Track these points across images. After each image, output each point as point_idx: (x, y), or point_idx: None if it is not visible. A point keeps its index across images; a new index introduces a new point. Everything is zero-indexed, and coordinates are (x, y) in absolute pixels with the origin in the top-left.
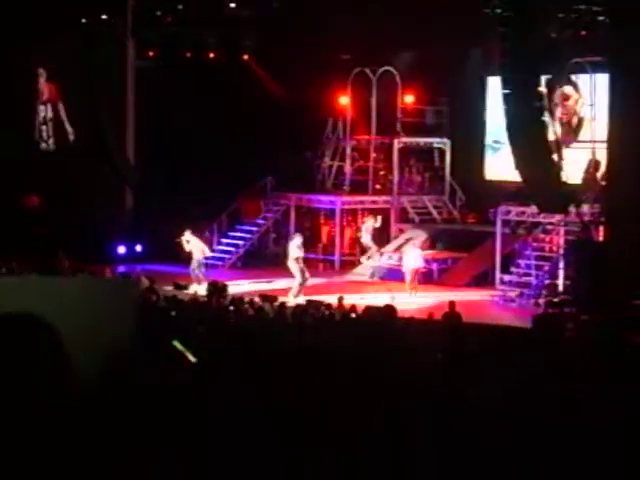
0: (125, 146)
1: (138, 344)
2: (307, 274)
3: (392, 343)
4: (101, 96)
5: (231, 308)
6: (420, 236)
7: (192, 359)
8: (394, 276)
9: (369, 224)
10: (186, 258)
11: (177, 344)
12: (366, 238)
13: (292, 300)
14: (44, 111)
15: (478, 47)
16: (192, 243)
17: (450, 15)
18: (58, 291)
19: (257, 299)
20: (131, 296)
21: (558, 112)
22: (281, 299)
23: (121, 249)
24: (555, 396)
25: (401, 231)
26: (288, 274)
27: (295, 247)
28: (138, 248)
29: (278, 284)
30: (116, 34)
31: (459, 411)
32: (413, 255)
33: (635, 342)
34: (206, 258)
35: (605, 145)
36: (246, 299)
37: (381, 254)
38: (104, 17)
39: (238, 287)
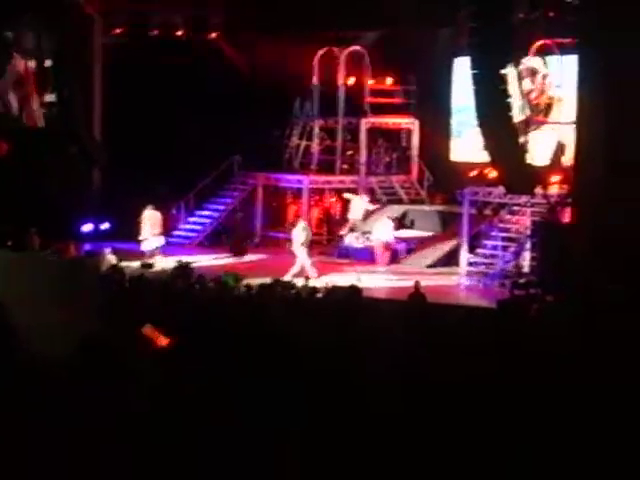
0: (92, 125)
1: (101, 323)
2: (310, 259)
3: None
4: (69, 75)
5: (196, 287)
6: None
7: (163, 342)
8: (363, 256)
9: (357, 202)
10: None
11: (148, 329)
12: (354, 215)
13: (318, 282)
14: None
15: (447, 27)
16: (151, 218)
17: None
18: (19, 269)
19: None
20: (94, 275)
21: (527, 87)
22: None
23: (87, 227)
24: (519, 377)
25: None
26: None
27: (301, 231)
28: (105, 226)
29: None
30: (83, 11)
31: (424, 395)
32: (384, 228)
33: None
34: (172, 237)
35: (573, 127)
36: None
37: (350, 232)
38: None
39: (205, 263)
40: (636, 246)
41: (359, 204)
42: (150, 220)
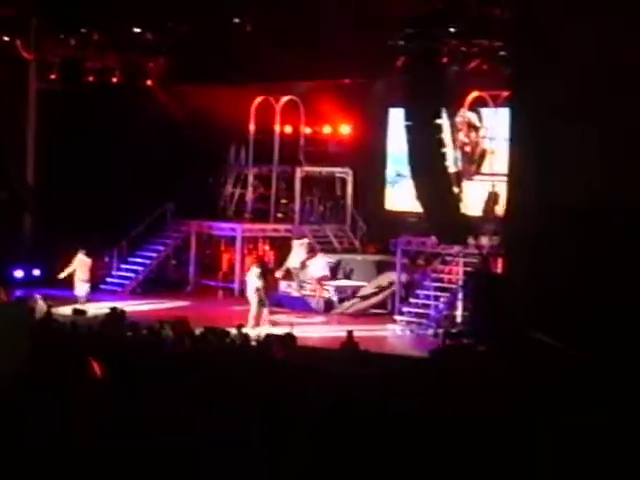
0: (25, 170)
1: (31, 369)
2: (266, 302)
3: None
4: (1, 121)
5: (129, 334)
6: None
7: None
8: (298, 305)
9: (297, 249)
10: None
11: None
12: (293, 263)
13: (252, 331)
14: None
15: (382, 78)
16: (80, 263)
17: (355, 46)
18: None
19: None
20: (26, 321)
21: (460, 140)
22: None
23: (18, 273)
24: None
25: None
26: (185, 299)
27: (254, 277)
28: (36, 272)
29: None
30: (18, 55)
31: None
32: (317, 263)
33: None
34: (105, 284)
35: (505, 178)
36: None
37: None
38: (6, 38)
39: (139, 309)
40: (568, 295)
41: (299, 252)
42: (80, 266)
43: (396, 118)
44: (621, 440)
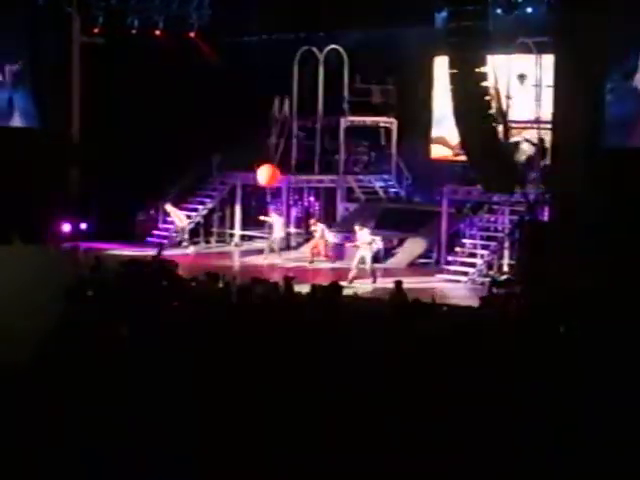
0: (71, 124)
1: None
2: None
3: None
4: (47, 75)
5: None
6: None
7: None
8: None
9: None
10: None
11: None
12: (278, 234)
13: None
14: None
15: (426, 27)
16: (173, 213)
17: None
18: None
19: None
20: (65, 272)
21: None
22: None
23: (66, 227)
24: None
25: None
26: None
27: (367, 234)
28: (83, 226)
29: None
30: (61, 10)
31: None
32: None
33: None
34: (152, 236)
35: (550, 126)
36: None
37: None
38: None
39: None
40: (617, 240)
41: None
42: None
43: (441, 66)
44: None
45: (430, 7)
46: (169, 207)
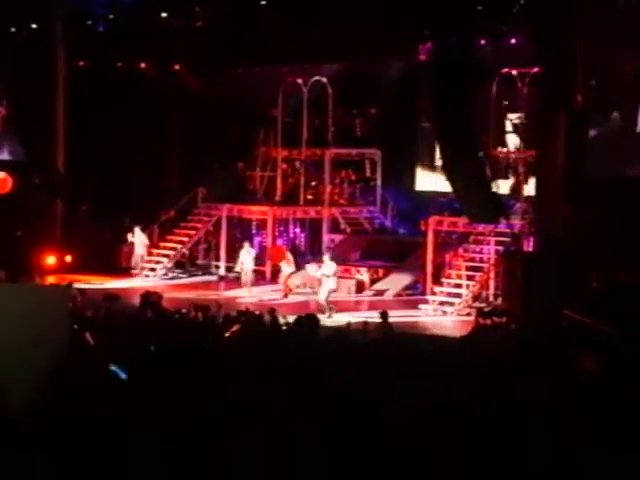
0: (55, 157)
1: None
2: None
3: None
4: (31, 109)
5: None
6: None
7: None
8: None
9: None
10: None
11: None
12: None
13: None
14: None
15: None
16: (138, 238)
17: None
18: None
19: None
20: (67, 307)
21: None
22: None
23: (50, 259)
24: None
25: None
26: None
27: (333, 266)
28: (68, 259)
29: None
30: (46, 43)
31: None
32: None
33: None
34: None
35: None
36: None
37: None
38: (34, 26)
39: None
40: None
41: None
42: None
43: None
44: None
45: (414, 39)
46: (137, 231)
